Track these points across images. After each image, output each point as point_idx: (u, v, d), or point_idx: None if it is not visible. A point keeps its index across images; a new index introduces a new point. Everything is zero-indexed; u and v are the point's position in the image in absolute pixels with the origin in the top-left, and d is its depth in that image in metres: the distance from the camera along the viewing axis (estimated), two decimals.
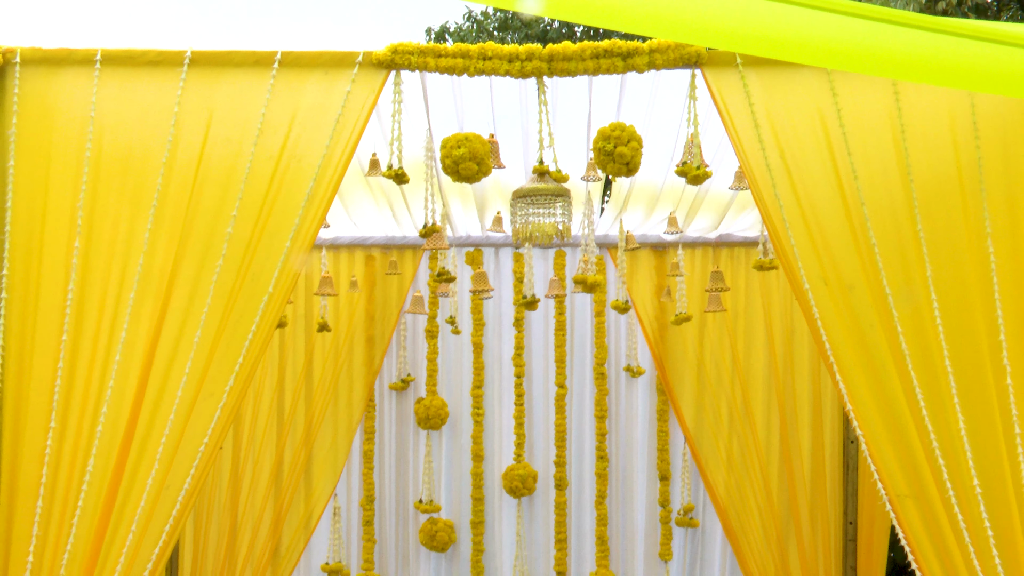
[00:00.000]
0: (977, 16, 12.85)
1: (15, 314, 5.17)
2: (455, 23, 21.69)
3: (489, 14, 20.93)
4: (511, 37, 20.11)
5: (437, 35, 21.16)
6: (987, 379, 5.15)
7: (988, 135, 5.29)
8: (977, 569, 5.06)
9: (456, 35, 21.23)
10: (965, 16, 12.60)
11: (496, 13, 20.74)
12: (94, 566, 5.07)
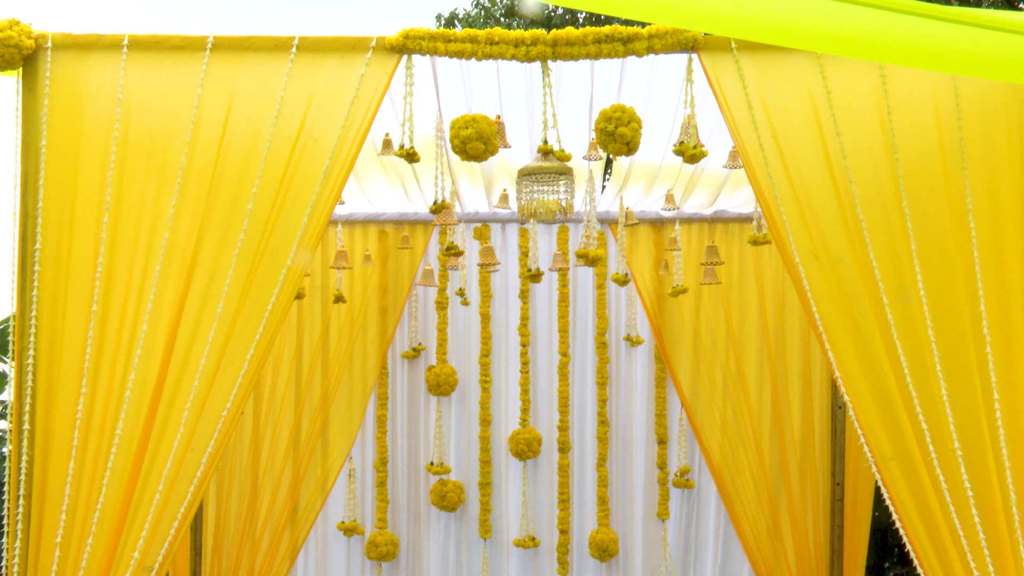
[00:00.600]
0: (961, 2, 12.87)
1: (48, 286, 5.19)
2: (464, 9, 21.66)
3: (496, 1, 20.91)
4: (517, 23, 20.09)
5: (447, 21, 21.13)
6: (968, 347, 5.16)
7: (970, 117, 5.29)
8: (958, 527, 5.07)
9: (465, 21, 21.21)
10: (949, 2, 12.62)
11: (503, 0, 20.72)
12: (123, 524, 5.09)
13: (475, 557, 8.56)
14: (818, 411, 8.27)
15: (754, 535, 8.24)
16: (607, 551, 8.41)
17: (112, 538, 5.08)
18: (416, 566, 8.56)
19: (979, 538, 5.05)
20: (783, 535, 8.21)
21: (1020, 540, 5.06)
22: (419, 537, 8.58)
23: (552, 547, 8.53)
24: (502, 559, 8.55)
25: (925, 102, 5.32)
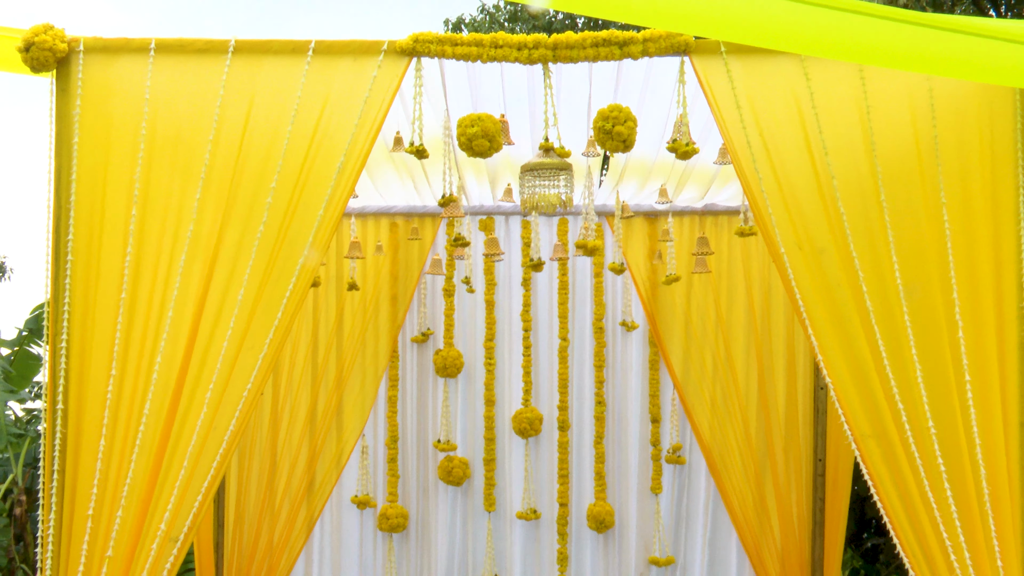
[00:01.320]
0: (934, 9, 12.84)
1: (80, 274, 5.21)
2: (470, 15, 21.66)
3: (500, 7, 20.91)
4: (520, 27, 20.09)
5: (454, 26, 21.13)
6: (941, 332, 5.18)
7: (944, 115, 5.30)
8: (931, 500, 5.10)
9: (471, 25, 21.22)
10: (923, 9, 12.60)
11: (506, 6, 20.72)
12: (150, 497, 5.11)
13: (480, 529, 8.58)
14: (801, 392, 8.29)
15: (741, 508, 8.26)
16: (604, 523, 8.44)
17: (140, 510, 5.11)
18: (425, 537, 8.58)
19: (951, 510, 5.08)
20: (768, 508, 8.23)
21: (989, 512, 5.08)
22: (427, 510, 8.60)
23: (552, 519, 8.55)
24: (505, 531, 8.57)
25: (902, 102, 5.34)
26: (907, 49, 4.68)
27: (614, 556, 8.54)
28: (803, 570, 8.19)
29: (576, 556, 8.53)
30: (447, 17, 21.30)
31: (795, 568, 8.19)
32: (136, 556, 5.09)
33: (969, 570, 5.06)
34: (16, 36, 5.29)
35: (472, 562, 8.54)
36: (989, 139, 5.28)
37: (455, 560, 8.55)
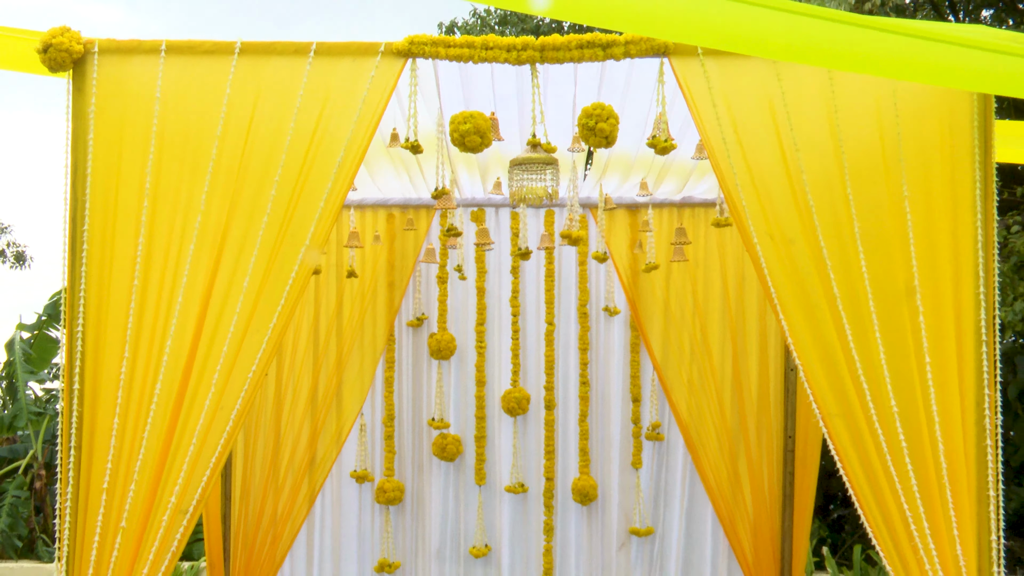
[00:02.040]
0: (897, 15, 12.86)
1: (95, 263, 5.22)
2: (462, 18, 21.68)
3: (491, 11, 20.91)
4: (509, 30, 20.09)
5: (447, 28, 21.13)
6: (903, 317, 5.21)
7: (906, 115, 5.32)
8: (893, 474, 5.13)
9: (463, 28, 21.22)
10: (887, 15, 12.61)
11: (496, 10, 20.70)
12: (161, 472, 5.13)
13: (471, 502, 8.60)
14: (772, 373, 8.32)
15: (716, 481, 8.29)
16: (587, 496, 8.46)
17: (152, 484, 5.12)
18: (419, 510, 8.60)
19: (911, 483, 5.11)
20: (742, 481, 8.26)
21: (947, 485, 5.12)
22: (422, 484, 8.62)
23: (539, 493, 8.57)
24: (495, 503, 8.59)
25: (867, 102, 5.36)
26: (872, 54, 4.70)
27: (597, 527, 8.57)
28: (773, 539, 8.22)
29: (561, 527, 8.55)
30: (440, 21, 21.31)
31: (766, 537, 8.22)
32: (148, 527, 5.11)
33: (928, 539, 5.10)
34: (34, 38, 5.30)
35: (464, 533, 8.56)
36: (949, 137, 5.30)
37: (448, 531, 8.57)
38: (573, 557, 8.52)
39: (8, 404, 16.96)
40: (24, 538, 14.80)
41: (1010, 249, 12.18)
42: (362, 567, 8.48)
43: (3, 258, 22.16)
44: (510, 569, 8.51)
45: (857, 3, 12.70)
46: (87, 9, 62.96)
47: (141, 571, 5.08)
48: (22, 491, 15.07)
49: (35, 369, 16.83)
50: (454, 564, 8.51)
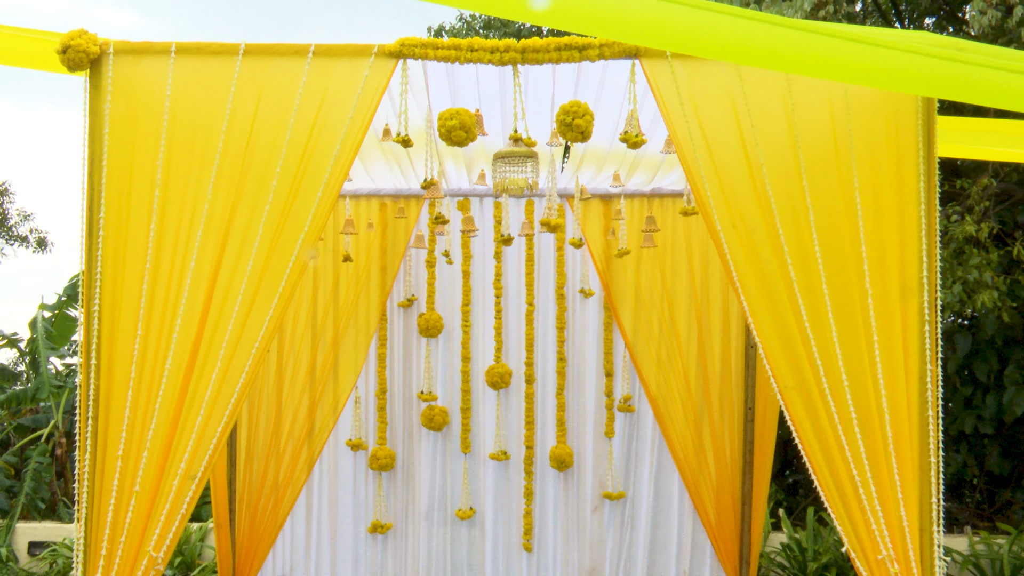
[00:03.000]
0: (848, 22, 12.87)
1: (110, 247, 5.22)
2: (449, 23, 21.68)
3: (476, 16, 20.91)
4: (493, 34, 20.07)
5: (435, 32, 21.10)
6: (853, 298, 5.24)
7: (857, 113, 5.35)
8: (843, 442, 5.17)
9: (450, 32, 21.21)
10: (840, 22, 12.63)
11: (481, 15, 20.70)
12: (171, 440, 5.14)
13: (457, 468, 8.63)
14: (734, 350, 8.35)
15: (682, 449, 8.33)
16: (564, 463, 8.50)
17: (163, 452, 5.13)
18: (409, 475, 8.63)
19: (860, 451, 5.15)
20: (705, 450, 8.30)
21: (892, 452, 5.16)
22: (412, 452, 8.65)
23: (520, 460, 8.60)
24: (479, 469, 8.62)
25: (822, 102, 5.38)
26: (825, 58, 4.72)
27: (573, 491, 8.60)
28: (734, 503, 8.27)
29: (540, 491, 8.59)
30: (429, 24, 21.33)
31: (727, 500, 8.27)
32: (160, 491, 5.12)
33: (875, 501, 5.15)
34: (54, 40, 5.30)
35: (450, 496, 8.59)
36: (895, 133, 5.33)
37: (436, 495, 8.59)
38: (551, 519, 8.56)
39: (31, 378, 17.01)
40: (47, 500, 14.85)
41: (950, 236, 12.23)
42: (357, 528, 8.51)
43: (26, 243, 22.16)
44: (493, 530, 8.54)
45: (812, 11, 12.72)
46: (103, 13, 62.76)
47: (153, 531, 5.10)
48: (44, 457, 15.10)
49: (56, 346, 16.85)
50: (441, 525, 8.54)
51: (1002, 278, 12.39)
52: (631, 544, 8.51)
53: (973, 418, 13.81)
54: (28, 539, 13.30)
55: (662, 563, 8.48)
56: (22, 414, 16.73)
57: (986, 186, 12.65)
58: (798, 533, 12.29)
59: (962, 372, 14.02)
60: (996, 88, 4.95)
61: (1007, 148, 7.47)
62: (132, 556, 5.09)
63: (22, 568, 12.93)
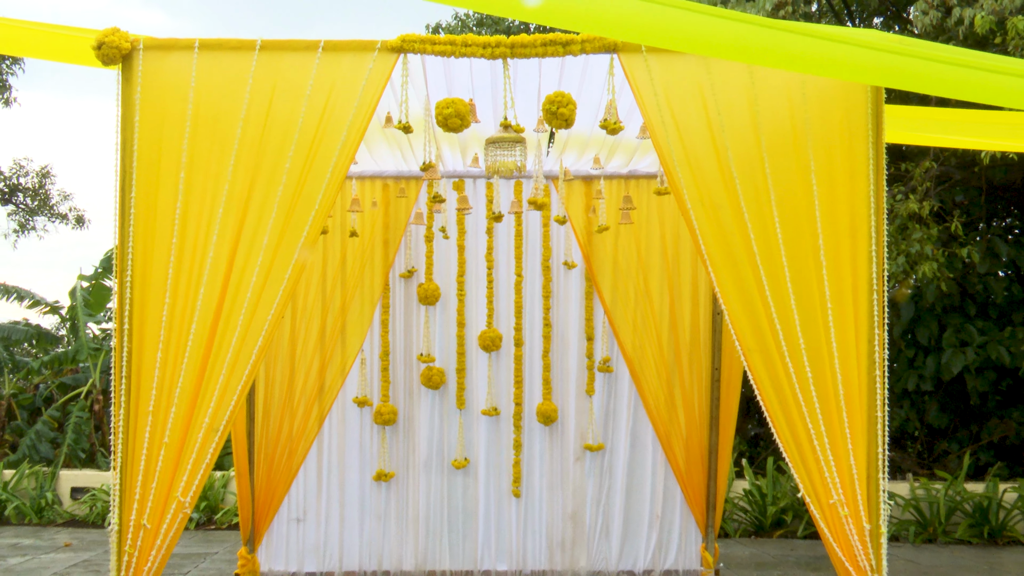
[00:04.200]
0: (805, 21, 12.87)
1: (141, 223, 5.22)
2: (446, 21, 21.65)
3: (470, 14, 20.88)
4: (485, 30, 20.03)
5: (433, 29, 21.09)
6: (810, 269, 5.26)
7: (813, 102, 5.35)
8: (800, 399, 5.20)
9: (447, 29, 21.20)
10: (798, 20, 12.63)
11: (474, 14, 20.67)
12: (196, 397, 5.15)
13: (453, 423, 8.65)
14: (703, 316, 8.37)
15: (655, 406, 8.36)
16: (549, 418, 8.52)
17: (189, 407, 5.14)
18: (410, 429, 8.64)
19: (815, 406, 5.19)
20: (676, 405, 8.33)
21: (844, 407, 5.19)
22: (412, 408, 8.66)
23: (509, 415, 8.62)
24: (473, 424, 8.64)
25: (781, 92, 5.38)
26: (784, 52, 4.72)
27: (557, 444, 8.63)
28: (702, 453, 8.31)
29: (527, 444, 8.62)
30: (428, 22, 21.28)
31: (696, 451, 8.31)
32: (186, 442, 5.14)
33: (827, 451, 5.19)
34: (90, 37, 5.30)
35: (447, 448, 8.62)
36: (847, 120, 5.34)
37: (433, 447, 8.62)
38: (537, 468, 8.59)
39: (72, 341, 17.09)
40: (86, 451, 14.92)
41: (895, 214, 12.29)
42: (363, 477, 8.53)
43: (66, 221, 22.22)
44: (485, 478, 8.58)
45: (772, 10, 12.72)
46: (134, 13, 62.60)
47: (181, 478, 5.12)
48: (84, 412, 15.16)
49: (93, 312, 16.90)
50: (439, 474, 8.57)
51: (941, 251, 12.49)
52: (609, 490, 8.55)
53: (915, 377, 13.93)
54: (71, 485, 13.40)
55: (637, 508, 8.52)
56: (63, 374, 16.81)
57: (928, 169, 12.71)
58: (759, 480, 12.37)
59: (905, 336, 14.10)
60: (937, 79, 4.98)
61: (947, 135, 7.50)
62: (162, 500, 5.11)
63: (66, 510, 13.02)
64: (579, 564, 8.47)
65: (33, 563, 9.99)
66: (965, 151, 12.64)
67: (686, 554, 8.46)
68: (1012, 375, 14.17)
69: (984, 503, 11.72)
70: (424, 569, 8.43)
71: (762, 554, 10.60)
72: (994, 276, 14.28)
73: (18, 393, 16.54)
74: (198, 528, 12.38)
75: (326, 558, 8.39)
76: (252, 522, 8.19)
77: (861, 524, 5.18)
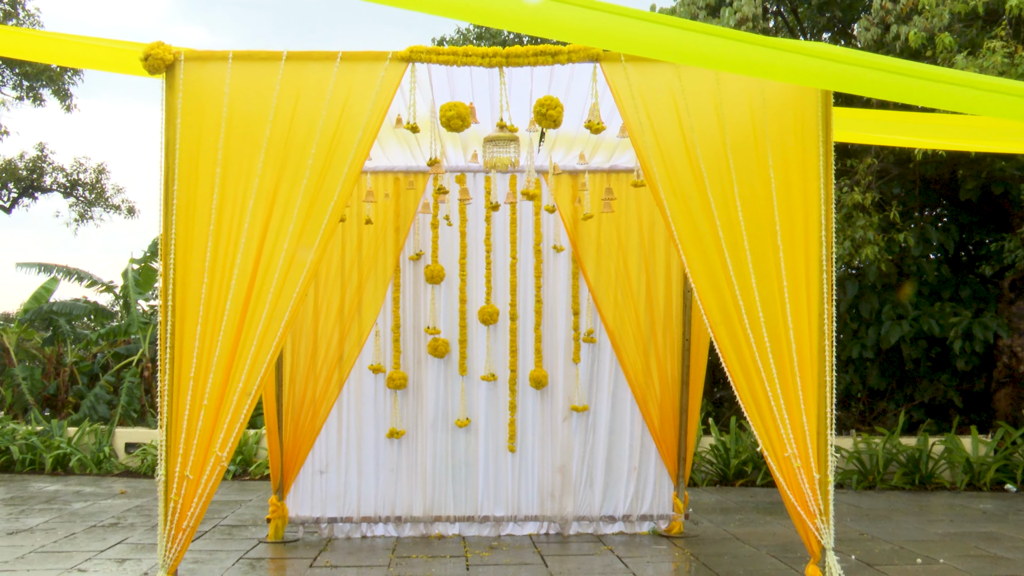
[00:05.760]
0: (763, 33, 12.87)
1: (182, 213, 5.24)
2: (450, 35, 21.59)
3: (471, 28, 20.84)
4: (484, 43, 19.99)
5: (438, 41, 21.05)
6: (768, 253, 5.26)
7: (771, 105, 5.35)
8: (759, 366, 5.21)
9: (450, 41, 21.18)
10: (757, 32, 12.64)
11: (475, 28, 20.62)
12: (232, 364, 5.15)
13: (455, 387, 8.62)
14: (675, 293, 8.36)
15: (633, 372, 8.35)
16: (540, 383, 8.51)
17: (225, 373, 5.15)
18: (418, 393, 8.62)
19: (772, 372, 5.20)
20: (652, 372, 8.32)
21: (797, 372, 5.20)
22: (420, 374, 8.63)
23: (506, 380, 8.60)
24: (473, 388, 8.62)
25: (743, 96, 5.37)
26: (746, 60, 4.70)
27: (547, 405, 8.62)
28: (674, 413, 8.31)
29: (521, 405, 8.60)
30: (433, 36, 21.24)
31: (669, 412, 8.31)
32: (222, 404, 5.14)
33: (783, 411, 5.20)
34: (138, 50, 5.32)
35: (451, 409, 8.60)
36: (800, 121, 5.34)
37: (439, 408, 8.60)
38: (530, 427, 8.58)
39: (124, 316, 17.19)
40: (138, 411, 15.02)
41: (842, 204, 12.34)
42: (377, 434, 8.52)
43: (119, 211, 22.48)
44: (484, 435, 8.57)
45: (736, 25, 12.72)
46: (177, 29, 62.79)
47: (218, 436, 5.13)
48: (135, 378, 15.25)
49: (142, 291, 16.98)
50: (444, 432, 8.56)
51: (881, 236, 12.52)
52: (593, 446, 8.54)
53: (858, 346, 13.98)
54: (125, 440, 13.47)
55: (617, 461, 8.52)
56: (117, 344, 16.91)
57: (870, 164, 12.74)
58: (723, 437, 12.39)
59: (850, 310, 14.13)
60: (877, 84, 4.99)
61: (886, 134, 7.53)
62: (203, 454, 5.12)
63: (120, 462, 13.08)
64: (566, 510, 8.47)
65: (94, 508, 10.01)
66: (902, 149, 12.70)
67: (660, 501, 8.46)
68: (941, 344, 14.26)
69: (916, 455, 11.77)
70: (431, 515, 8.43)
71: (726, 500, 10.62)
72: (926, 258, 14.49)
73: (79, 361, 16.66)
74: (234, 479, 12.39)
75: (346, 505, 8.39)
76: (281, 474, 8.19)
77: (811, 474, 5.19)
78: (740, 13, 13.14)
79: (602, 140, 7.45)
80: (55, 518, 9.37)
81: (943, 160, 13.07)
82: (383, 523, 8.40)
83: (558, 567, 7.15)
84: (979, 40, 11.87)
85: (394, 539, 8.28)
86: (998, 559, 7.46)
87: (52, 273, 17.83)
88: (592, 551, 7.76)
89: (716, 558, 7.46)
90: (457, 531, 8.44)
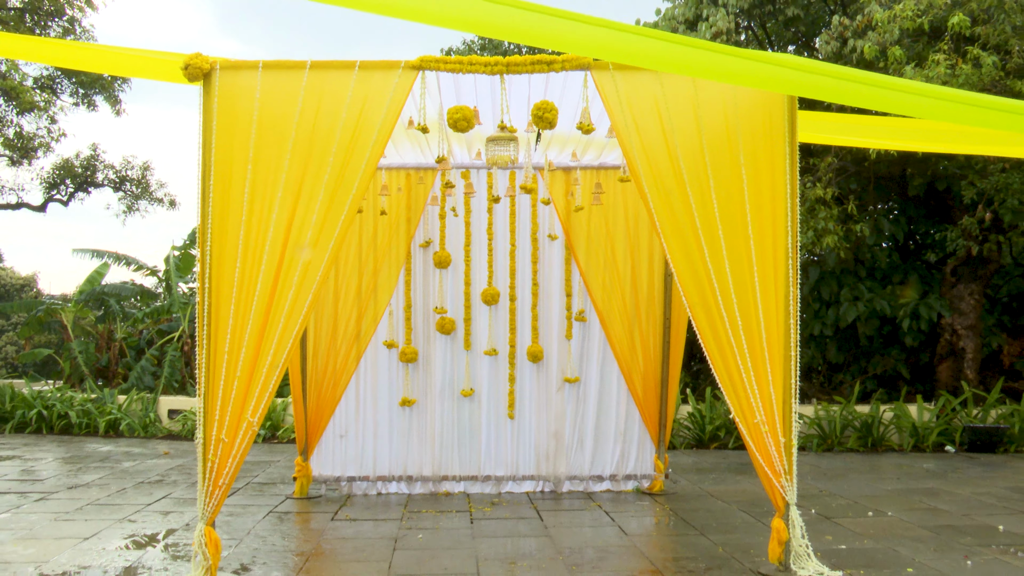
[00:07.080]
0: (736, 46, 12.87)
1: (217, 207, 5.23)
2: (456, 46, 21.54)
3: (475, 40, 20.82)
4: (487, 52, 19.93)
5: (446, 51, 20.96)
6: (740, 241, 5.25)
7: (743, 109, 5.33)
8: (732, 342, 5.21)
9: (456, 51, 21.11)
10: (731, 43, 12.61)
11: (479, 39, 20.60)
12: (261, 340, 5.14)
13: (461, 361, 8.61)
14: (657, 278, 8.33)
15: (620, 348, 8.33)
16: (537, 357, 8.49)
17: (255, 348, 5.13)
18: (428, 366, 8.61)
19: (744, 348, 5.18)
20: (636, 347, 8.31)
21: (766, 348, 5.20)
22: (430, 349, 8.62)
23: (506, 355, 8.59)
24: (476, 362, 8.61)
25: (719, 100, 5.35)
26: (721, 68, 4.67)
27: (543, 377, 8.61)
28: (656, 384, 8.30)
29: (520, 377, 8.59)
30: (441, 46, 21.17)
31: (651, 384, 8.30)
32: (254, 375, 5.13)
33: (753, 382, 5.19)
34: (179, 60, 5.29)
35: (456, 380, 8.59)
36: (768, 123, 5.32)
37: (446, 379, 8.59)
38: (527, 396, 8.57)
39: (167, 297, 17.28)
40: (179, 381, 15.07)
41: (805, 198, 12.34)
42: (391, 402, 8.51)
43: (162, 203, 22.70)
44: (487, 404, 8.56)
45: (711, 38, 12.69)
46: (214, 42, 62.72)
47: (250, 403, 5.12)
48: (176, 352, 15.29)
49: (182, 275, 16.99)
50: (450, 400, 8.55)
51: (840, 227, 12.52)
52: (583, 414, 8.54)
53: (819, 324, 13.99)
54: (167, 407, 13.52)
55: (605, 427, 8.52)
56: (161, 322, 16.96)
57: (830, 163, 12.74)
58: (700, 405, 12.39)
59: (813, 292, 14.13)
60: (837, 91, 5.00)
61: (844, 136, 7.54)
62: (236, 420, 5.11)
63: (164, 427, 13.15)
64: (560, 470, 8.47)
65: (142, 466, 10.03)
66: (858, 149, 12.71)
67: (643, 462, 8.46)
68: (891, 323, 14.32)
69: (869, 421, 11.79)
70: (439, 474, 8.43)
71: (701, 462, 10.63)
72: (879, 247, 14.56)
73: (127, 337, 16.73)
74: (264, 442, 12.40)
75: (363, 465, 8.39)
76: (306, 437, 8.19)
77: (777, 438, 5.19)
78: (715, 27, 13.23)
79: (592, 140, 7.41)
80: (108, 475, 9.39)
81: (894, 159, 13.12)
82: (396, 481, 8.40)
83: (552, 520, 7.16)
84: (925, 53, 11.95)
85: (406, 496, 8.29)
86: (938, 511, 7.48)
87: (104, 259, 17.88)
88: (582, 506, 7.77)
89: (692, 512, 7.47)
90: (462, 489, 8.44)
